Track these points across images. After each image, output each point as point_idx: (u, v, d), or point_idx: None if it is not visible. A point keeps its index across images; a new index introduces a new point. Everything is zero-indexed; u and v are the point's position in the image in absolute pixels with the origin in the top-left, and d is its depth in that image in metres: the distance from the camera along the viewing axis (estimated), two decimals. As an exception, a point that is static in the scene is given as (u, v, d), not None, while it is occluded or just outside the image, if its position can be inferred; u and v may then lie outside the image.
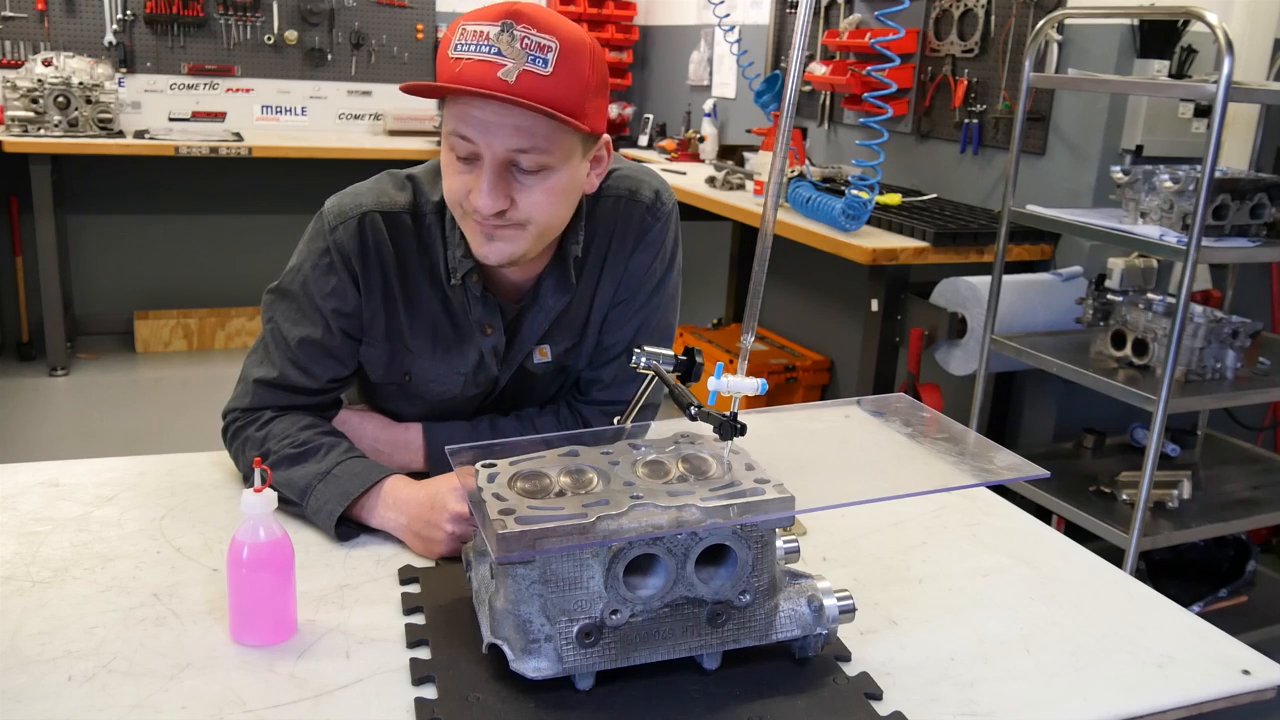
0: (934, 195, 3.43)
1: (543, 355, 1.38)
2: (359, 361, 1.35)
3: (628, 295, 1.38)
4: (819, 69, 3.80)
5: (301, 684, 0.92)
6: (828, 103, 4.06)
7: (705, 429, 0.97)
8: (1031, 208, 2.66)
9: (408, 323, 1.32)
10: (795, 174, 3.26)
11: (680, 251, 1.42)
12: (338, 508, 1.18)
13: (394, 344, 1.33)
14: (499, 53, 1.09)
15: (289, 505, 1.21)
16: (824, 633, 0.96)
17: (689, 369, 1.06)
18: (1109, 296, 2.58)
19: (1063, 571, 1.22)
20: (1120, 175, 2.50)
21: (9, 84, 4.24)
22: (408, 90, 1.16)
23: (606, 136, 1.25)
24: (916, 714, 0.92)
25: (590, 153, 1.23)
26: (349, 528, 1.20)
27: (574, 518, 0.86)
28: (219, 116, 4.99)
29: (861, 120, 3.14)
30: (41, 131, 4.24)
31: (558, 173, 1.17)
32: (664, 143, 4.84)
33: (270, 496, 0.97)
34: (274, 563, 0.97)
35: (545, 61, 1.10)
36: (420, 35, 5.20)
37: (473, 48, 1.10)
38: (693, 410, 0.96)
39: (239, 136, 4.65)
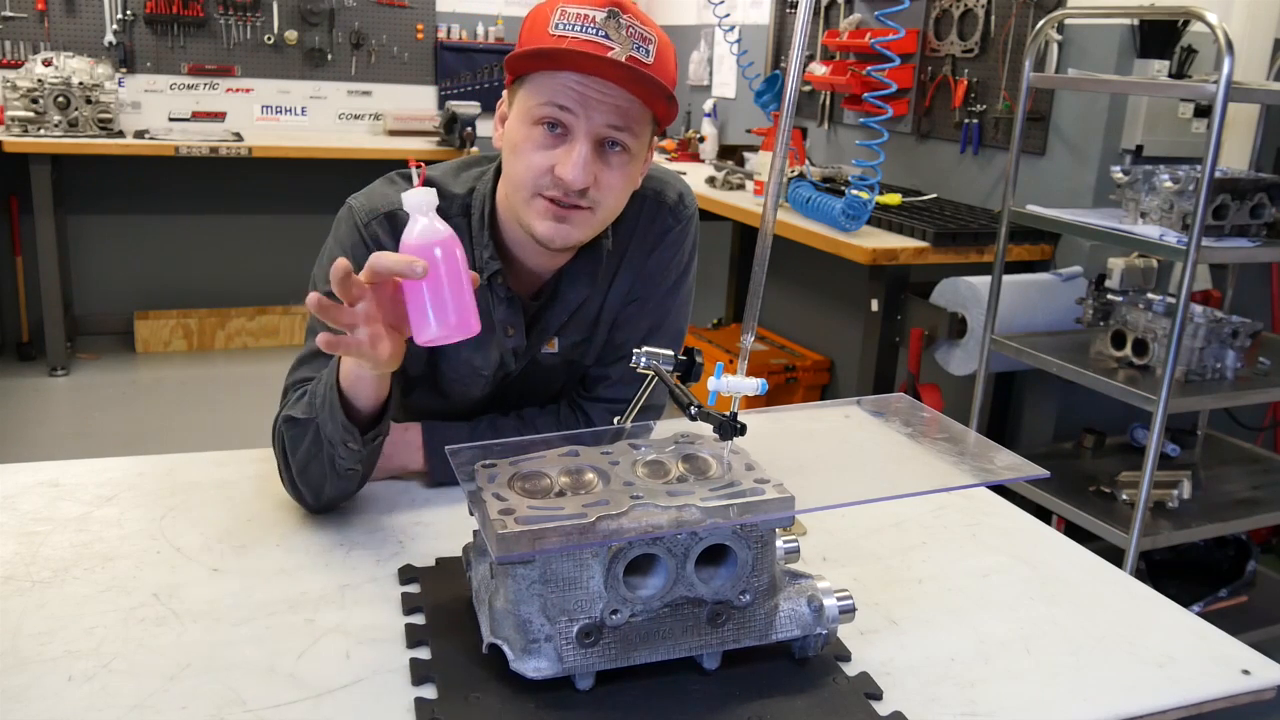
0: (934, 195, 3.43)
1: (550, 347, 1.39)
2: None
3: (642, 294, 1.39)
4: (819, 69, 3.80)
5: (301, 684, 0.92)
6: (828, 103, 4.06)
7: (705, 429, 0.97)
8: (1031, 208, 2.66)
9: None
10: (795, 174, 3.26)
11: (697, 258, 1.43)
12: (332, 393, 1.13)
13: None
14: (606, 36, 1.13)
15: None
16: (824, 633, 0.96)
17: (689, 369, 1.06)
18: (1109, 296, 2.58)
19: (1063, 571, 1.21)
20: (1120, 175, 2.50)
21: (9, 84, 4.25)
22: (512, 60, 1.17)
23: (656, 141, 1.30)
24: (916, 714, 0.92)
25: (650, 147, 1.28)
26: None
27: (574, 518, 0.86)
28: (219, 116, 4.99)
29: (861, 120, 3.14)
30: (41, 131, 4.24)
31: (634, 160, 1.22)
32: (664, 143, 4.85)
33: (430, 191, 1.00)
34: (452, 251, 1.00)
35: (648, 51, 1.16)
36: (420, 35, 5.20)
37: (578, 28, 1.14)
38: (693, 410, 0.96)
39: (239, 136, 4.65)
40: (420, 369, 1.37)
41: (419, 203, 1.00)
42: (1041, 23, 2.59)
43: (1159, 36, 2.75)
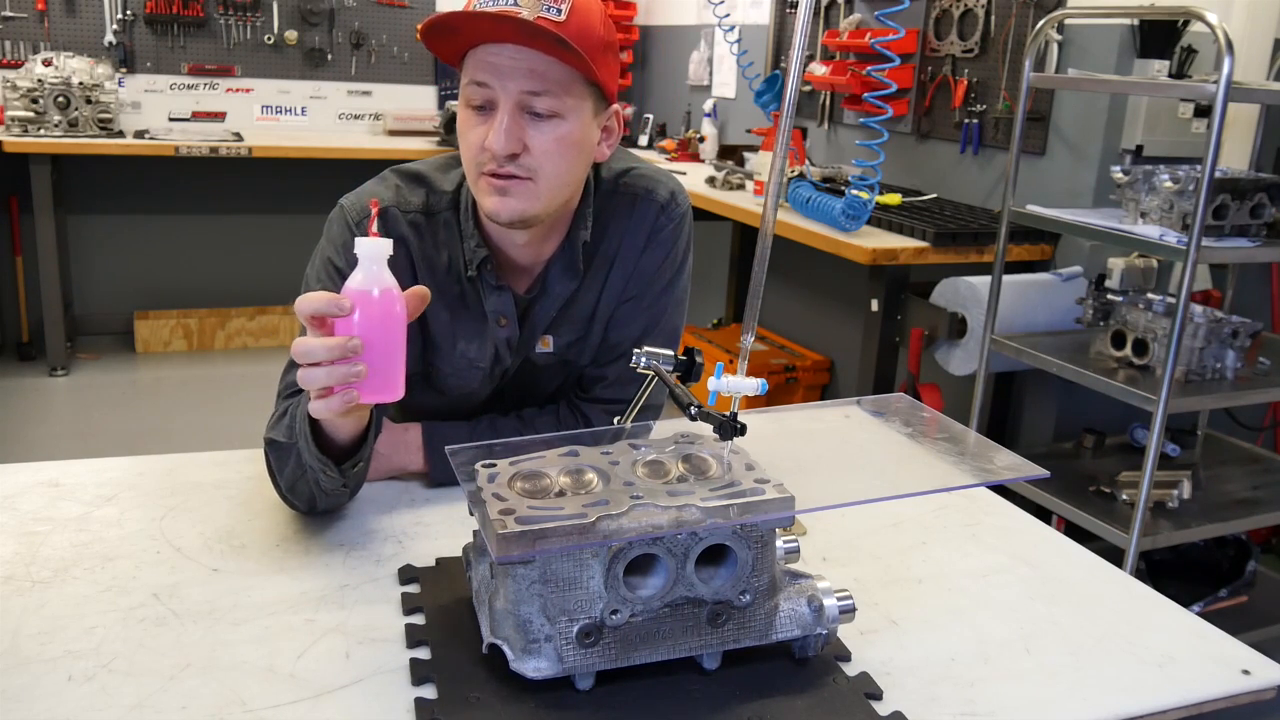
0: (934, 195, 3.43)
1: (545, 345, 1.39)
2: None
3: (636, 293, 1.39)
4: (819, 69, 3.80)
5: (301, 684, 0.92)
6: (828, 103, 4.06)
7: (705, 429, 0.97)
8: (1031, 208, 2.66)
9: (430, 317, 1.34)
10: (795, 174, 3.26)
11: (691, 256, 1.43)
12: (304, 424, 1.13)
13: (413, 336, 1.34)
14: (515, 3, 1.14)
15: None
16: (824, 633, 0.96)
17: (689, 369, 1.06)
18: (1109, 296, 2.58)
19: (1063, 571, 1.21)
20: (1120, 175, 2.50)
21: (9, 84, 4.25)
22: (424, 30, 1.18)
23: (617, 107, 1.29)
24: (916, 714, 0.92)
25: (602, 118, 1.27)
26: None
27: (574, 518, 0.86)
28: (219, 116, 4.99)
29: (861, 120, 3.14)
30: (41, 131, 4.24)
31: (569, 123, 1.20)
32: (664, 143, 4.84)
33: (386, 244, 0.97)
34: (390, 309, 0.98)
35: (559, 10, 1.15)
36: (420, 35, 5.20)
37: (490, 1, 1.15)
38: (693, 410, 0.96)
39: (239, 136, 4.65)
40: (416, 367, 1.37)
41: (371, 251, 0.97)
42: (1041, 23, 2.59)
43: (1159, 36, 2.75)
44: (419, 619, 1.02)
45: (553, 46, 1.14)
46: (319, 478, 1.15)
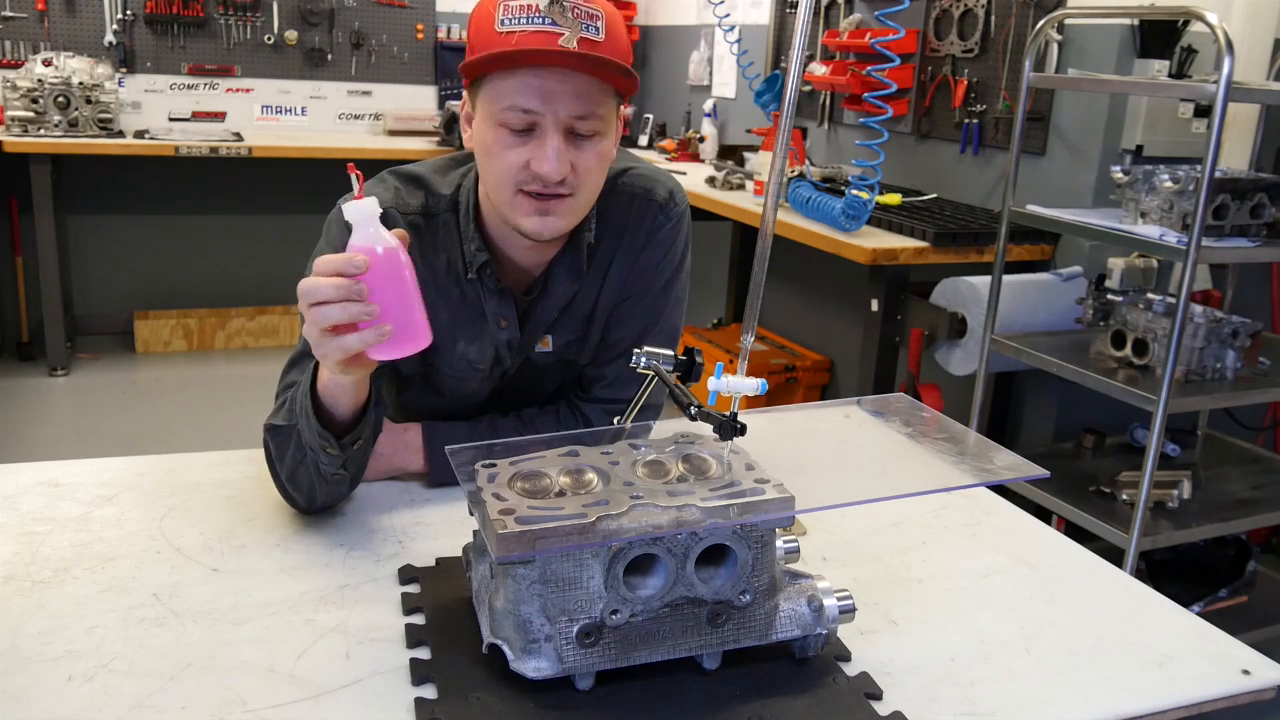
0: (934, 195, 3.43)
1: (544, 345, 1.39)
2: None
3: (635, 292, 1.39)
4: (819, 69, 3.80)
5: (301, 684, 0.92)
6: (828, 103, 4.06)
7: (705, 429, 0.97)
8: (1031, 208, 2.66)
9: (429, 318, 1.33)
10: (795, 174, 3.26)
11: (689, 255, 1.43)
12: (306, 399, 1.14)
13: None
14: (553, 23, 1.13)
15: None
16: (824, 633, 0.96)
17: (689, 369, 1.06)
18: (1109, 296, 2.58)
19: (1063, 571, 1.22)
20: (1120, 175, 2.50)
21: (9, 84, 4.25)
22: (466, 68, 1.17)
23: (623, 110, 1.30)
24: (916, 714, 0.92)
25: (617, 122, 1.28)
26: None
27: (574, 518, 0.86)
28: (219, 116, 4.99)
29: (861, 120, 3.14)
30: (41, 131, 4.24)
31: (605, 139, 1.22)
32: (664, 143, 4.84)
33: (373, 202, 1.00)
34: (395, 260, 1.00)
35: (597, 29, 1.14)
36: (420, 35, 5.20)
37: (524, 20, 1.13)
38: (693, 410, 0.96)
39: (239, 136, 4.65)
40: (415, 368, 1.37)
41: (361, 213, 1.00)
42: (1041, 23, 2.59)
43: (1159, 36, 2.75)
44: (419, 619, 1.02)
45: (607, 72, 1.15)
46: (319, 459, 1.15)
